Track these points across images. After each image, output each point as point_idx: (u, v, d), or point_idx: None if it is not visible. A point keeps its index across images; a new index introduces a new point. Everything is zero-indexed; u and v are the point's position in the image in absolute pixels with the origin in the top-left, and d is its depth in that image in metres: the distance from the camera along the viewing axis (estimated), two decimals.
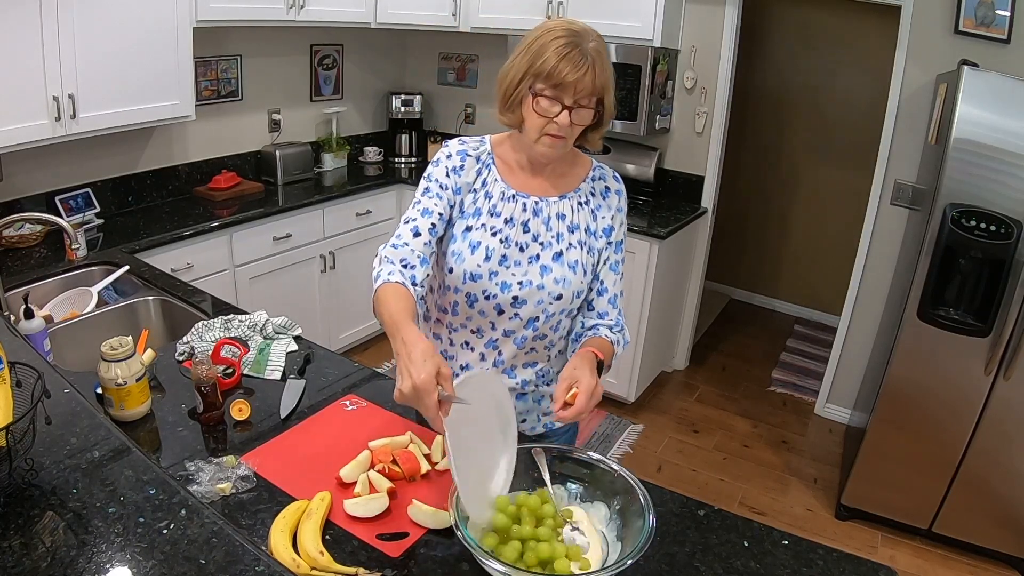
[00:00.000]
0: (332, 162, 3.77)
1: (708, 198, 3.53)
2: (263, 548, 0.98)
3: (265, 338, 1.71)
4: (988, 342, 2.25)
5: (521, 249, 1.33)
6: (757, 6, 3.91)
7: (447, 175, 1.34)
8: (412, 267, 1.26)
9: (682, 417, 3.42)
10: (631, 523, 1.04)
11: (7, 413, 0.93)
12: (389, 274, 1.23)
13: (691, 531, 1.15)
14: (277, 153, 3.38)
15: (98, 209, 2.78)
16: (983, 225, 2.16)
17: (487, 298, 1.33)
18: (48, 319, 1.92)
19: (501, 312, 1.34)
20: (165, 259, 2.55)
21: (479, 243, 1.32)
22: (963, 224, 2.19)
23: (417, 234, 1.29)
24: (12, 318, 1.66)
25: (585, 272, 1.35)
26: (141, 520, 0.86)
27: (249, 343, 1.67)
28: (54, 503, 0.89)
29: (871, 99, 3.74)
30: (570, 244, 1.34)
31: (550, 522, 1.04)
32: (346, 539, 1.07)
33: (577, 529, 1.04)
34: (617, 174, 1.44)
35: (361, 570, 1.00)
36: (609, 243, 1.39)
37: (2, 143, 2.21)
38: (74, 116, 2.37)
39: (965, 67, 2.20)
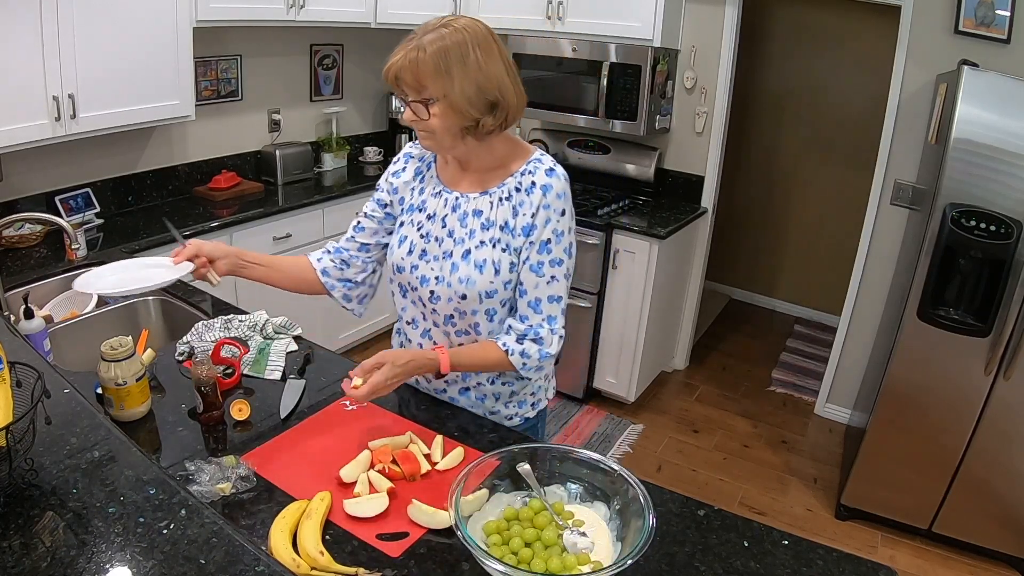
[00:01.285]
0: (332, 162, 3.77)
1: (708, 198, 3.53)
2: (263, 548, 0.98)
3: (265, 338, 1.71)
4: (988, 342, 2.25)
5: (439, 244, 1.34)
6: (757, 6, 3.91)
7: (387, 179, 1.44)
8: (330, 251, 1.49)
9: (682, 417, 3.42)
10: (631, 523, 1.03)
11: (7, 413, 0.92)
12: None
13: (691, 531, 1.14)
14: (277, 153, 3.38)
15: (98, 209, 2.78)
16: (983, 225, 2.16)
17: (412, 290, 1.37)
18: (48, 319, 1.92)
19: (424, 306, 1.37)
20: None
21: (405, 237, 1.37)
22: (963, 224, 2.19)
23: (349, 235, 1.49)
24: (12, 318, 1.66)
25: (496, 271, 1.29)
26: (141, 520, 0.86)
27: (249, 343, 1.66)
28: (54, 503, 0.89)
29: (871, 99, 3.74)
30: (481, 242, 1.30)
31: (552, 528, 1.04)
32: (346, 539, 1.07)
33: (576, 531, 1.04)
34: (556, 169, 1.30)
35: (361, 570, 1.00)
36: (531, 242, 1.28)
37: (2, 143, 2.21)
38: (74, 116, 2.37)
39: (965, 67, 2.20)
